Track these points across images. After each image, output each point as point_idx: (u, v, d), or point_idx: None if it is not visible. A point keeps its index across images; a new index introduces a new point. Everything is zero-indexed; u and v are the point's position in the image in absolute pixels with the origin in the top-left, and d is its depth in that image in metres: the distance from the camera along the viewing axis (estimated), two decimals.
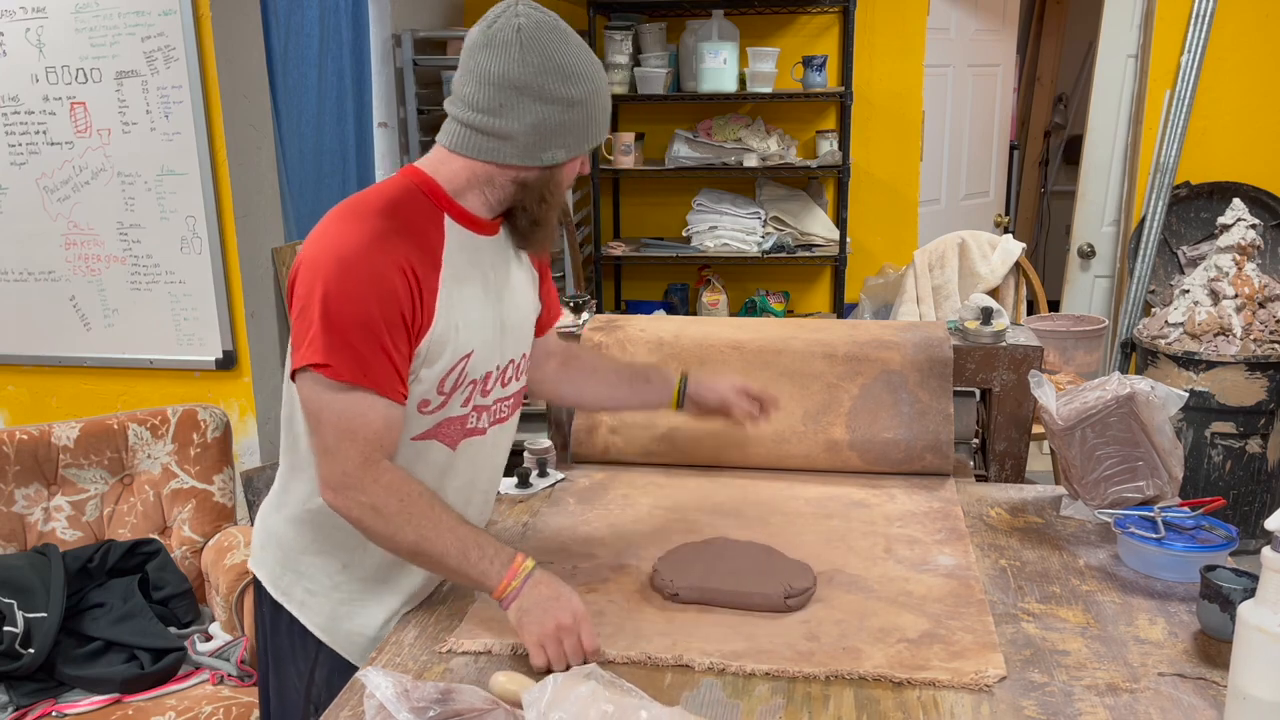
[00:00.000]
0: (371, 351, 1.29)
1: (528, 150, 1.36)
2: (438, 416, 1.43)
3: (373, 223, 1.33)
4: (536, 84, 1.33)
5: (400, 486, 1.32)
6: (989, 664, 1.28)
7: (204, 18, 2.76)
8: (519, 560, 1.33)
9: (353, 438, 1.30)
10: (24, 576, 2.20)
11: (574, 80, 1.35)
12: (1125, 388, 1.64)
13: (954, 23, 4.51)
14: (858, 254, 4.38)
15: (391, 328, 1.31)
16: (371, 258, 1.30)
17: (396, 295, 1.31)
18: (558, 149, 1.38)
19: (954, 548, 1.62)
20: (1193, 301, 3.50)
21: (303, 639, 1.51)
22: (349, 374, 1.29)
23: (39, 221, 2.98)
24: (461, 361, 1.41)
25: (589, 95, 1.37)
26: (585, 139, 1.40)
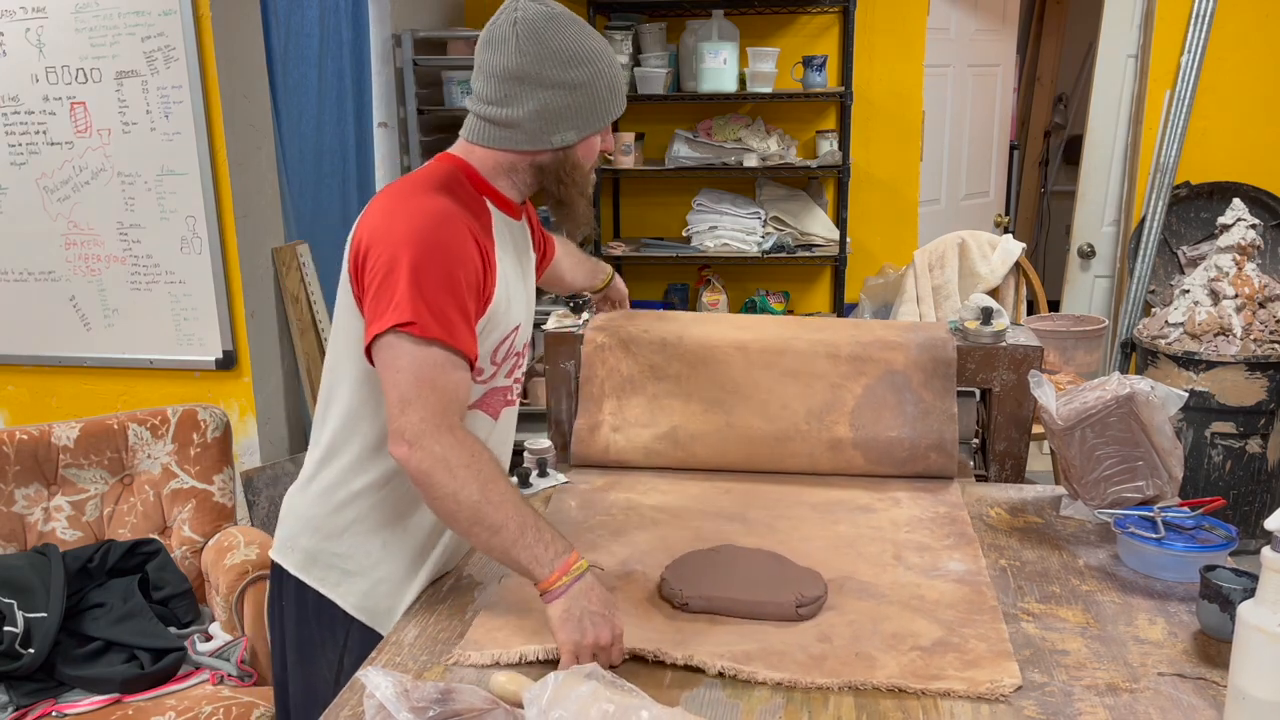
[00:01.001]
0: (456, 312, 1.35)
1: (536, 135, 1.44)
2: (488, 386, 1.50)
3: (438, 196, 1.40)
4: (535, 72, 1.40)
5: (472, 445, 1.34)
6: (1004, 673, 1.27)
7: (204, 18, 2.77)
8: (574, 557, 1.32)
9: (433, 388, 1.32)
10: (24, 576, 2.20)
11: (572, 64, 1.41)
12: (1125, 388, 1.64)
13: (954, 23, 4.51)
14: (858, 254, 4.38)
15: (471, 291, 1.37)
16: (451, 224, 1.37)
17: (474, 261, 1.38)
18: (567, 131, 1.44)
19: (964, 553, 1.61)
20: (1193, 301, 3.50)
21: (331, 625, 1.52)
22: (435, 330, 1.32)
23: (39, 221, 2.99)
24: (513, 333, 1.51)
25: (590, 78, 1.43)
26: (594, 119, 1.46)
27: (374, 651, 1.39)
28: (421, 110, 4.01)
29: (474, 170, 1.48)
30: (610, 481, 1.93)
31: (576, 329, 2.14)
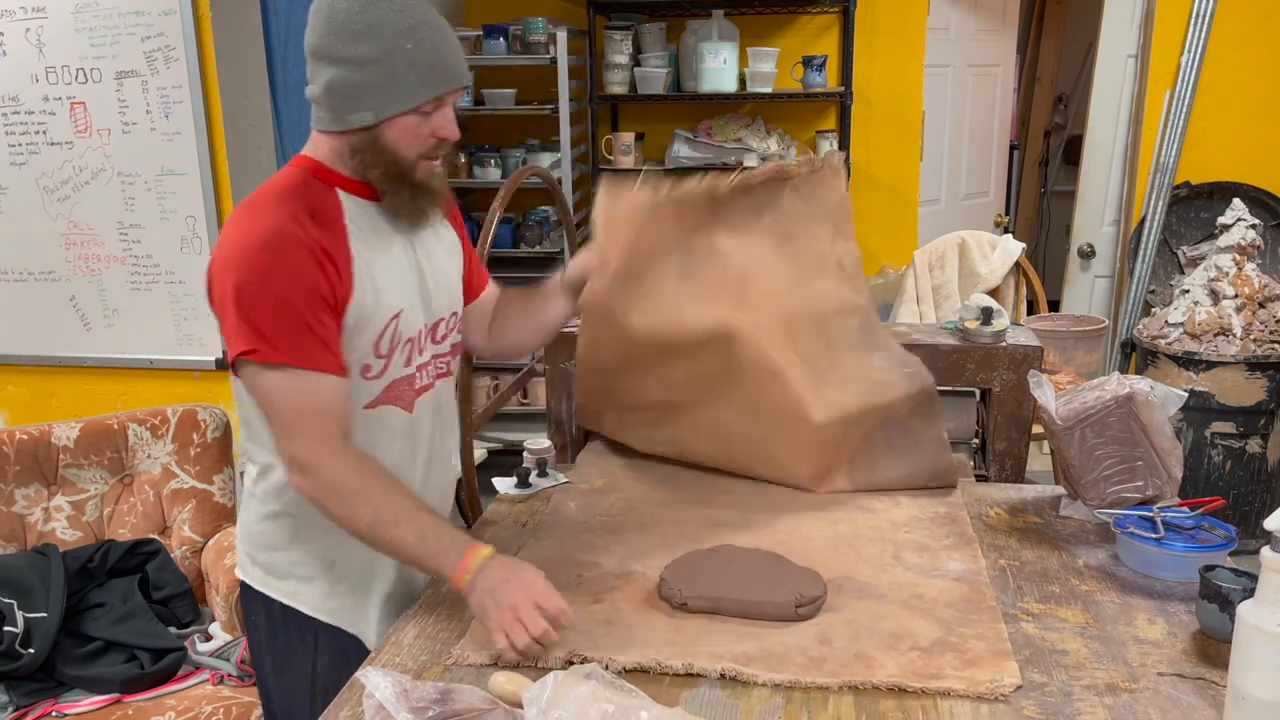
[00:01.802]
0: (294, 330, 1.33)
1: (335, 113, 1.39)
2: (384, 380, 1.47)
3: (268, 213, 1.36)
4: (324, 46, 1.37)
5: (359, 466, 1.36)
6: (1004, 673, 1.27)
7: (204, 18, 2.77)
8: (472, 552, 1.35)
9: (304, 416, 1.34)
10: (24, 576, 2.20)
11: (361, 39, 1.35)
12: (1124, 388, 1.64)
13: (954, 23, 4.51)
14: None
15: (309, 304, 1.34)
16: (272, 244, 1.33)
17: (305, 273, 1.34)
18: (362, 111, 1.38)
19: (963, 553, 1.61)
20: (1193, 301, 3.50)
21: (300, 631, 1.53)
22: (277, 355, 1.32)
23: (39, 221, 2.99)
24: (392, 322, 1.45)
25: (383, 54, 1.35)
26: (394, 99, 1.38)
27: (373, 652, 1.39)
28: None
29: (320, 165, 1.44)
30: (610, 483, 1.93)
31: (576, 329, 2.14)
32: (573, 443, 2.15)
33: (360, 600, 1.54)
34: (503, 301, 1.78)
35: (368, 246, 1.44)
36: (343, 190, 1.44)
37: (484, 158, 4.07)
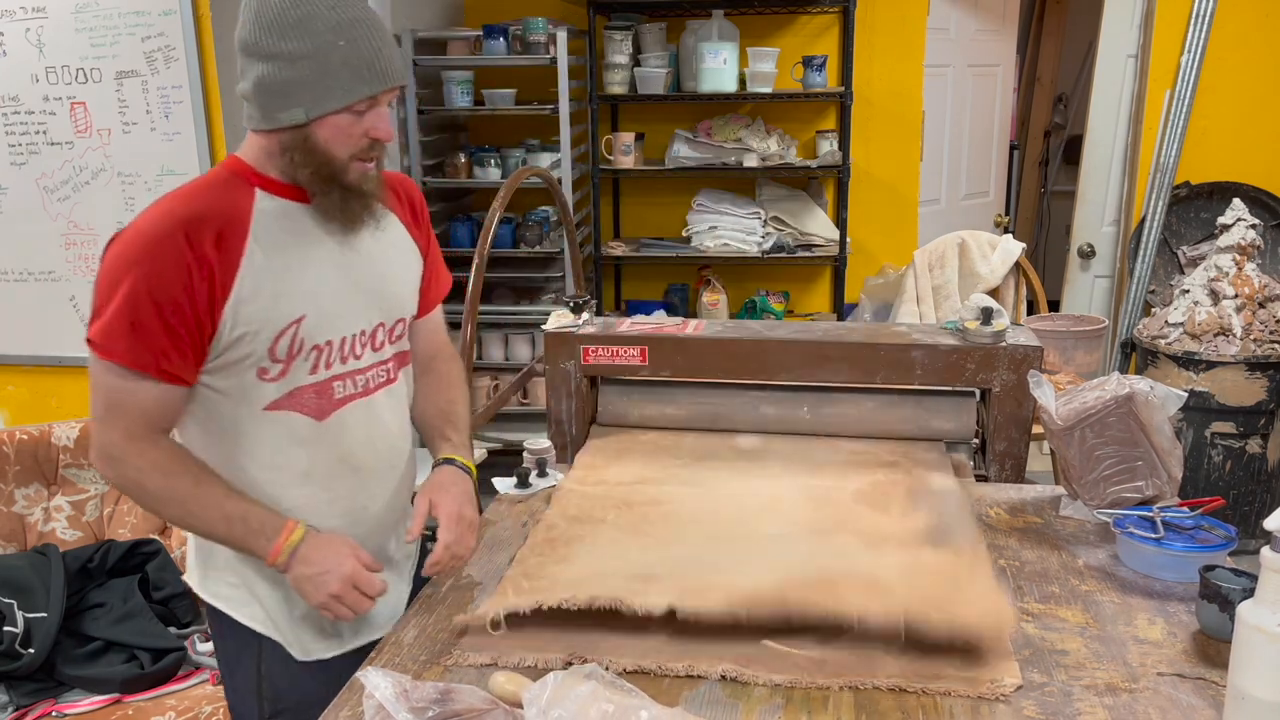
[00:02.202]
0: (142, 333, 1.32)
1: (264, 111, 1.36)
2: (284, 385, 1.42)
3: (165, 205, 1.36)
4: (254, 41, 1.33)
5: (165, 464, 1.37)
6: (1004, 673, 1.27)
7: (204, 18, 2.77)
8: (285, 533, 1.38)
9: (120, 412, 1.35)
10: (24, 576, 2.20)
11: (291, 34, 1.31)
12: (1124, 388, 1.64)
13: (954, 23, 4.51)
14: (858, 254, 4.38)
15: (165, 308, 1.32)
16: (147, 240, 1.33)
17: (169, 273, 1.31)
18: (294, 107, 1.34)
19: (964, 537, 1.60)
20: (1193, 301, 3.50)
21: (244, 638, 1.52)
22: (114, 354, 1.33)
23: (39, 221, 2.99)
24: (291, 327, 1.40)
25: (314, 50, 1.31)
26: (323, 96, 1.33)
27: (373, 651, 1.39)
28: (421, 110, 4.01)
29: (245, 165, 1.41)
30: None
31: (575, 329, 2.14)
32: (573, 443, 2.15)
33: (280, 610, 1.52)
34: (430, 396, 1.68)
35: (276, 250, 1.39)
36: (263, 190, 1.41)
37: (484, 158, 4.07)
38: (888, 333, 2.16)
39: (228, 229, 1.36)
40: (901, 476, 1.89)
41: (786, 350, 2.08)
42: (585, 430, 2.17)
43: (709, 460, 2.01)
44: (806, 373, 2.09)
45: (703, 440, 2.10)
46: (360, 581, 1.38)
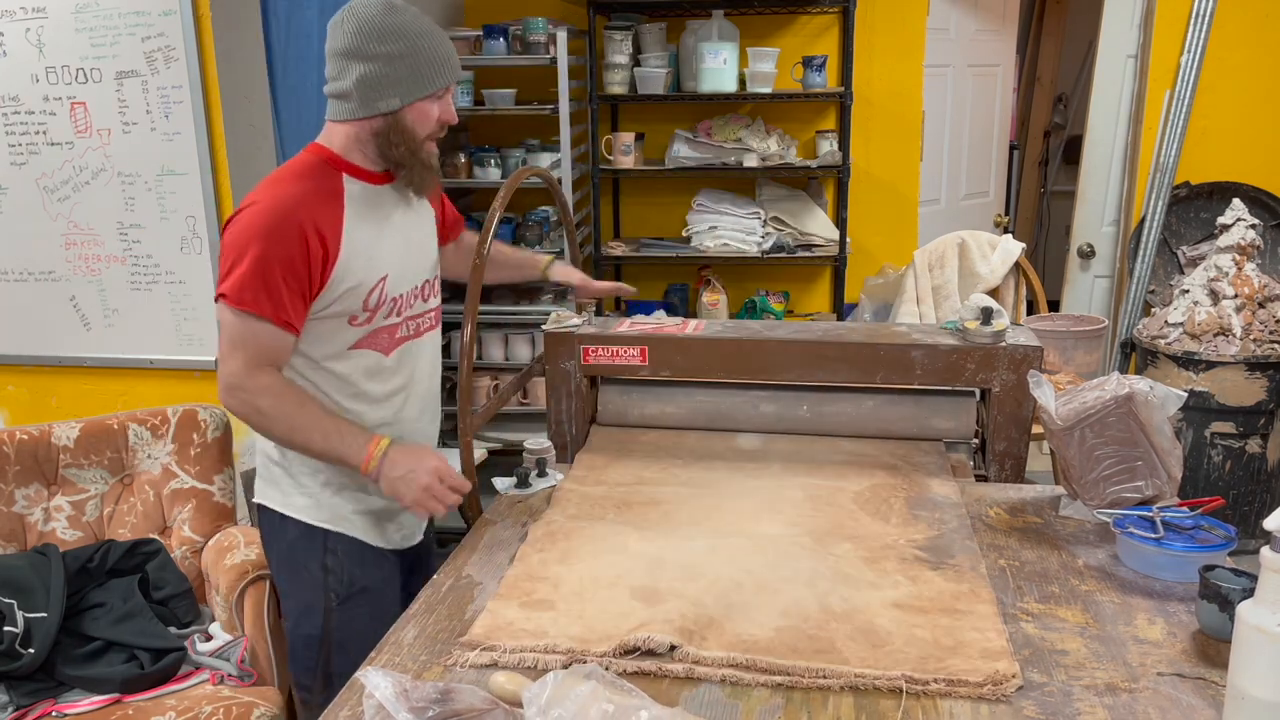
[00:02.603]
0: (264, 286, 1.61)
1: (364, 103, 1.69)
2: (368, 328, 1.76)
3: (278, 188, 1.68)
4: (355, 46, 1.66)
5: (274, 388, 1.66)
6: (1005, 673, 1.27)
7: (204, 18, 2.77)
8: (375, 442, 1.68)
9: (242, 347, 1.64)
10: (24, 576, 2.20)
11: (388, 38, 1.66)
12: (1124, 388, 1.64)
13: (954, 23, 4.51)
14: (858, 254, 4.38)
15: (286, 268, 1.62)
16: (270, 215, 1.63)
17: (289, 242, 1.62)
18: (391, 98, 1.69)
19: (964, 554, 1.61)
20: (1192, 301, 3.50)
21: (309, 538, 1.81)
22: (244, 303, 1.62)
23: (39, 221, 2.98)
24: (380, 283, 1.75)
25: (407, 50, 1.67)
26: (415, 86, 1.69)
27: (373, 651, 1.39)
28: None
29: (331, 153, 1.73)
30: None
31: (575, 329, 2.15)
32: (573, 443, 2.15)
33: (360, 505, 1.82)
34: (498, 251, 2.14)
35: (364, 222, 1.73)
36: (349, 175, 1.74)
37: (484, 158, 4.07)
38: (888, 333, 2.16)
39: (330, 206, 1.69)
40: (901, 482, 1.89)
41: (786, 350, 2.08)
42: (585, 430, 2.17)
43: (709, 460, 2.01)
44: (806, 373, 2.09)
45: (703, 440, 2.10)
46: (445, 475, 1.68)
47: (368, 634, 1.50)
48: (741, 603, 1.45)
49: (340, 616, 1.82)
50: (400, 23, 1.67)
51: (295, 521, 1.82)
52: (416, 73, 1.69)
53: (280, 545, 1.86)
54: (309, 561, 1.82)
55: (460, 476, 1.71)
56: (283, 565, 1.88)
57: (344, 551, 1.82)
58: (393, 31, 1.66)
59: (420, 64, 1.69)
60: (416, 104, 1.71)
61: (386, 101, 1.69)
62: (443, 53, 1.71)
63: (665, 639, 1.33)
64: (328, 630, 1.82)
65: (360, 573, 1.83)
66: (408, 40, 1.67)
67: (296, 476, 1.81)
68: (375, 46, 1.66)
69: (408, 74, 1.68)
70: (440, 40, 1.72)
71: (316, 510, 1.81)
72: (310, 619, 1.83)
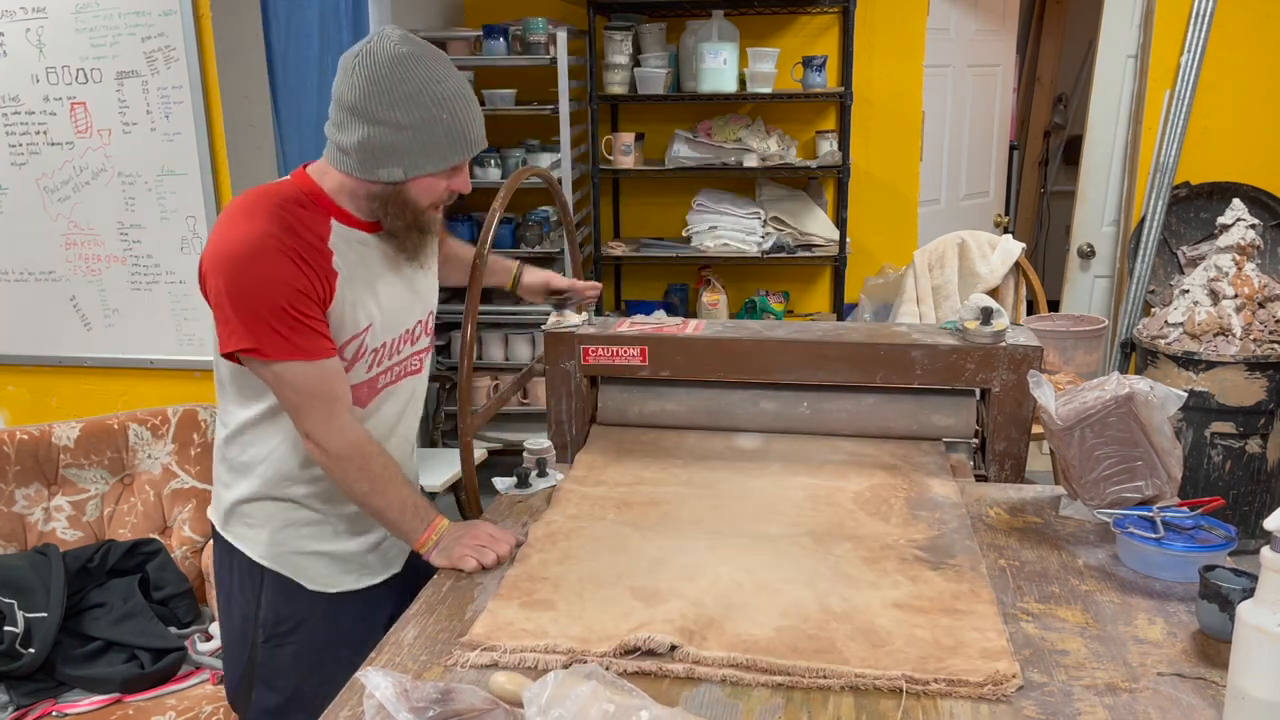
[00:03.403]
0: (289, 326, 1.48)
1: (364, 165, 1.52)
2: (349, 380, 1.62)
3: (256, 221, 1.50)
4: (361, 105, 1.48)
5: (360, 443, 1.57)
6: (1004, 673, 1.27)
7: (204, 18, 2.77)
8: (435, 524, 1.62)
9: (308, 397, 1.52)
10: (24, 576, 2.20)
11: (400, 106, 1.47)
12: (1124, 388, 1.64)
13: (954, 23, 4.51)
14: (858, 254, 4.38)
15: (297, 303, 1.49)
16: (256, 252, 1.47)
17: (291, 277, 1.48)
18: (393, 167, 1.51)
19: (964, 553, 1.61)
20: (1192, 301, 3.50)
21: (249, 571, 1.70)
22: (277, 352, 1.49)
23: (39, 221, 2.99)
24: (360, 335, 1.61)
25: (422, 122, 1.48)
26: (424, 161, 1.51)
27: (373, 651, 1.39)
28: None
29: (320, 191, 1.57)
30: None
31: (575, 329, 2.15)
32: (573, 443, 2.15)
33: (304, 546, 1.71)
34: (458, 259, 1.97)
35: (349, 268, 1.57)
36: (338, 221, 1.57)
37: (484, 158, 4.07)
38: (887, 333, 2.16)
39: (316, 246, 1.54)
40: (901, 482, 1.89)
41: (786, 350, 2.08)
42: (585, 430, 2.17)
43: (709, 460, 2.01)
44: (806, 373, 2.09)
45: (703, 440, 2.10)
46: (495, 534, 1.62)
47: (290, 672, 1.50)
48: (741, 603, 1.45)
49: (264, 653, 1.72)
50: (415, 88, 1.47)
51: (240, 554, 1.71)
52: (428, 147, 1.50)
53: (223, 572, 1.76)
54: (243, 591, 1.72)
55: (511, 536, 1.64)
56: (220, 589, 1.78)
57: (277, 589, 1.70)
58: (406, 99, 1.46)
59: (433, 138, 1.49)
60: (423, 178, 1.53)
61: (388, 171, 1.51)
62: (460, 126, 1.51)
63: (665, 639, 1.33)
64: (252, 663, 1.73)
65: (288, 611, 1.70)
66: (422, 110, 1.47)
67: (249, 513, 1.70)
68: (384, 111, 1.47)
69: (417, 147, 1.49)
70: (460, 109, 1.51)
71: (262, 547, 1.70)
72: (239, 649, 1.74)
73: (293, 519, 1.69)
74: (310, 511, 1.70)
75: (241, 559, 1.71)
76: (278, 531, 1.69)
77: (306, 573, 1.71)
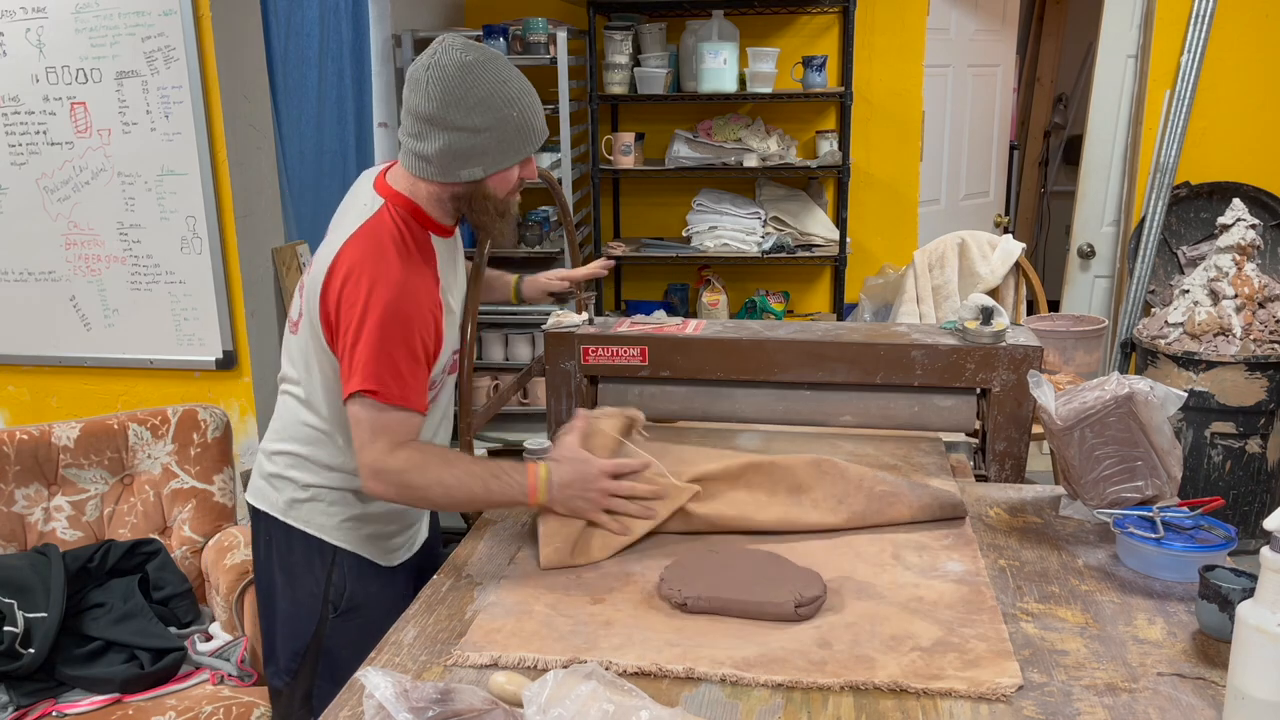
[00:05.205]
0: (412, 375, 1.57)
1: (445, 169, 1.61)
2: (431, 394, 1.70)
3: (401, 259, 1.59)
4: (441, 115, 1.57)
5: (416, 460, 1.57)
6: (1004, 673, 1.27)
7: (204, 18, 2.77)
8: (532, 476, 1.59)
9: (384, 435, 1.56)
10: (24, 576, 2.20)
11: (476, 110, 1.57)
12: (1124, 388, 1.64)
13: (954, 23, 4.52)
14: (858, 254, 4.38)
15: (425, 350, 1.59)
16: (412, 293, 1.57)
17: (429, 324, 1.59)
18: (474, 168, 1.61)
19: (962, 553, 1.61)
20: (1192, 301, 3.50)
21: (319, 549, 1.75)
22: (394, 396, 1.55)
23: (39, 221, 2.98)
24: (453, 356, 1.72)
25: (495, 122, 1.58)
26: (500, 158, 1.62)
27: (373, 651, 1.39)
28: None
29: (417, 207, 1.66)
30: None
31: (575, 329, 2.15)
32: None
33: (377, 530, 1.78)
34: None
35: (447, 288, 1.69)
36: (434, 233, 1.68)
37: None
38: (887, 333, 2.16)
39: (431, 271, 1.65)
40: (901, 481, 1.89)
41: (786, 350, 2.08)
42: None
43: None
44: (806, 373, 2.09)
45: (703, 440, 2.10)
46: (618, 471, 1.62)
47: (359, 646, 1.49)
48: None
49: (333, 628, 1.78)
50: (487, 92, 1.57)
51: (299, 532, 1.76)
52: (503, 145, 1.61)
53: (281, 551, 1.79)
54: (310, 571, 1.76)
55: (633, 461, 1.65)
56: (280, 571, 1.81)
57: (348, 567, 1.77)
58: (480, 103, 1.57)
59: (507, 135, 1.60)
60: (499, 172, 1.64)
61: (470, 171, 1.62)
62: (528, 121, 1.63)
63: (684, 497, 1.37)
64: (319, 638, 1.78)
65: (359, 589, 1.78)
66: (495, 111, 1.58)
67: (300, 486, 1.76)
68: (460, 118, 1.57)
69: (494, 146, 1.60)
70: (527, 105, 1.62)
71: (321, 524, 1.76)
72: (303, 626, 1.78)
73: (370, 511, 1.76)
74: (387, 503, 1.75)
75: (307, 539, 1.76)
76: (351, 517, 1.75)
77: (376, 549, 1.79)
